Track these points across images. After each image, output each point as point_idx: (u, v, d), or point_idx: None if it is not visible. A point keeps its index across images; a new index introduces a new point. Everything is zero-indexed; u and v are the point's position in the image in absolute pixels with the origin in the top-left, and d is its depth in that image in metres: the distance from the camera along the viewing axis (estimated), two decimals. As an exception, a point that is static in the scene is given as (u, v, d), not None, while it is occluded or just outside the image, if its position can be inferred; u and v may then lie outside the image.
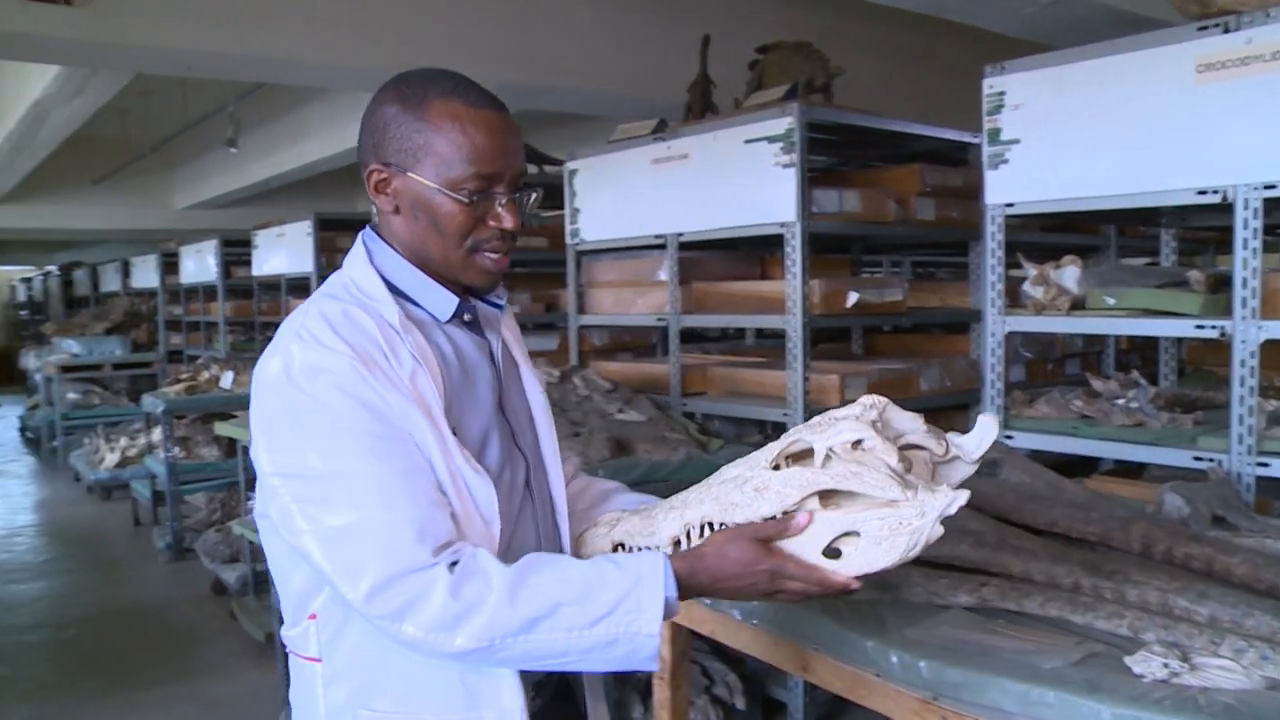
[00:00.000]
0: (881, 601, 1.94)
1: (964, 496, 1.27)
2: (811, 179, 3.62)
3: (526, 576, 1.25)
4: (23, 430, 13.03)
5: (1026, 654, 1.65)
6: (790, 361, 3.63)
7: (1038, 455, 2.86)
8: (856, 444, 1.33)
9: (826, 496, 1.33)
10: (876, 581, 1.56)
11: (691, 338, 5.88)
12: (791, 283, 3.59)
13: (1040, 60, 2.91)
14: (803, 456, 1.38)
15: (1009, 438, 3.05)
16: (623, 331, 5.37)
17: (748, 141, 3.69)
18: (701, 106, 4.47)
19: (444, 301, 1.39)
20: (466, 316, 1.43)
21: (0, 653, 5.12)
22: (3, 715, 4.34)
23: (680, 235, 4.04)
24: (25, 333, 17.91)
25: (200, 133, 9.95)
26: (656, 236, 4.15)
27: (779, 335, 5.51)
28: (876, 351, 4.88)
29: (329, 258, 7.16)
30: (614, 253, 4.58)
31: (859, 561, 1.30)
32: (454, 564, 1.25)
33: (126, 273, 12.56)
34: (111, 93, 6.17)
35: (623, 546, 1.48)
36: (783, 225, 3.58)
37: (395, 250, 1.40)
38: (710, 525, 1.39)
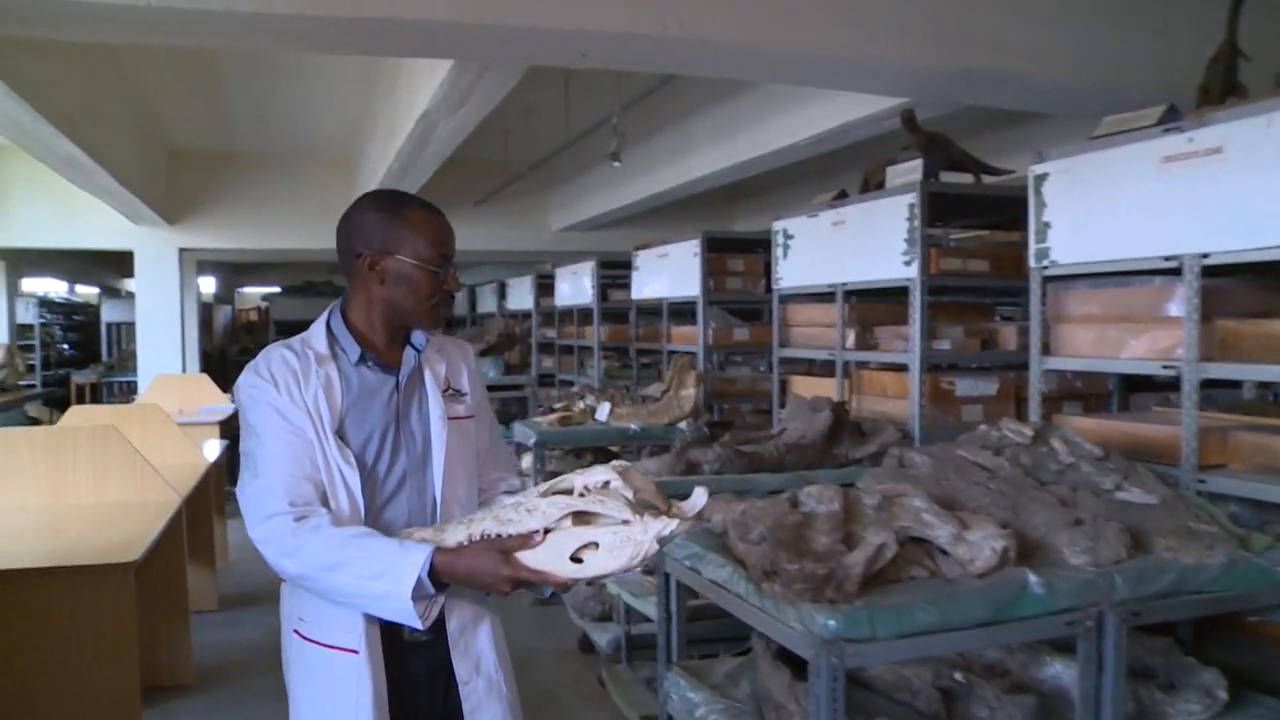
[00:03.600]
0: None
1: (675, 524, 1.80)
2: None
3: (341, 535, 1.92)
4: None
5: None
6: (1387, 434, 2.62)
7: None
8: (605, 484, 1.88)
9: (579, 519, 1.86)
10: None
11: (1160, 387, 4.85)
12: (1394, 324, 2.59)
13: None
14: (564, 493, 1.91)
15: None
16: (1072, 376, 4.46)
17: (1324, 127, 2.73)
18: (1224, 87, 3.51)
19: (352, 351, 2.11)
20: (369, 362, 2.12)
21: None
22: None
23: (1204, 257, 3.12)
24: (406, 350, 18.78)
25: (578, 152, 9.87)
26: (1166, 258, 3.24)
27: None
28: None
29: (717, 281, 6.68)
30: (1094, 279, 3.69)
31: (595, 566, 1.83)
32: (302, 518, 1.93)
33: (503, 294, 12.85)
34: (495, 99, 5.95)
35: None
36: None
37: (339, 315, 2.15)
38: (487, 536, 1.90)
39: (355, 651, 2.01)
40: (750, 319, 7.21)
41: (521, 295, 11.95)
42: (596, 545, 1.81)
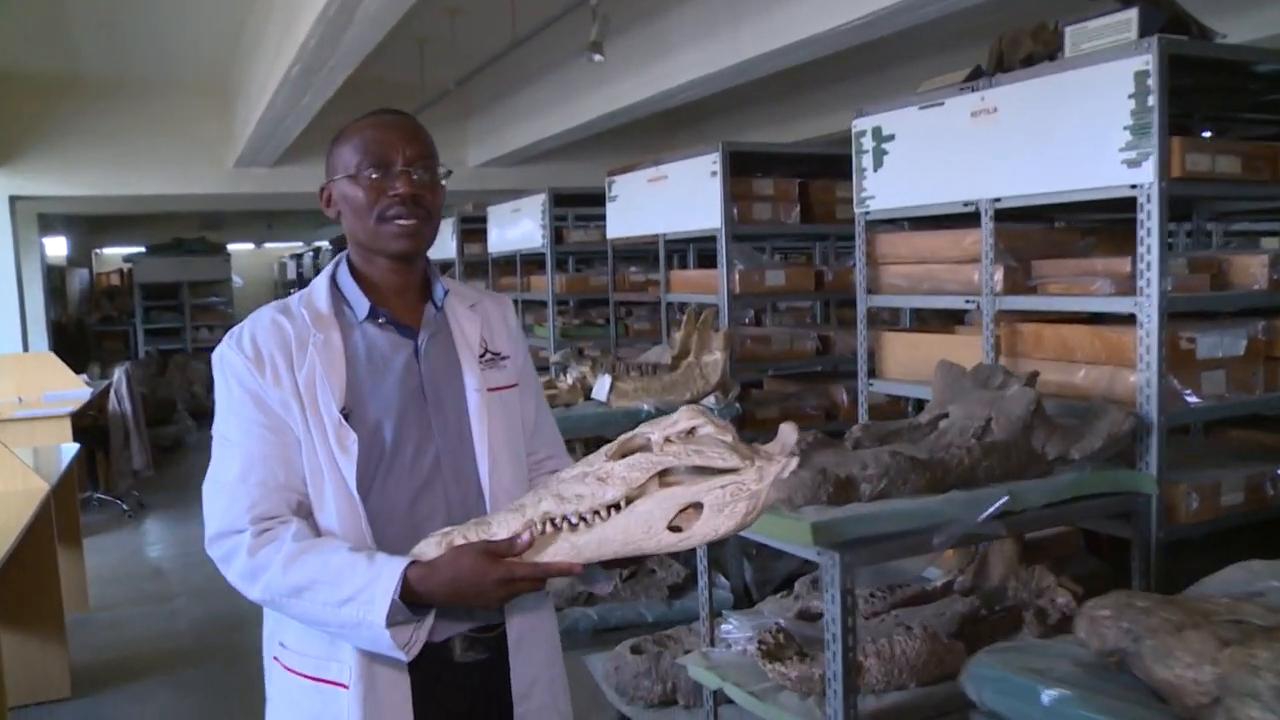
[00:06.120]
0: None
1: (794, 462, 1.50)
2: None
3: (303, 552, 1.58)
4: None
5: None
6: None
7: None
8: (690, 432, 1.54)
9: (665, 478, 1.52)
10: None
11: None
12: None
13: None
14: (640, 450, 1.54)
15: None
16: None
17: None
18: None
19: (360, 305, 1.75)
20: (381, 320, 1.75)
21: None
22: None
23: None
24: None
25: (505, 70, 8.09)
26: None
27: None
28: None
29: (742, 209, 5.02)
30: None
31: (702, 532, 1.49)
32: (265, 532, 1.61)
33: (413, 243, 10.96)
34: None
35: None
36: None
37: (346, 265, 1.81)
38: (553, 521, 1.53)
39: (344, 686, 1.65)
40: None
41: (439, 242, 10.07)
42: (698, 507, 1.48)
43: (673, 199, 5.39)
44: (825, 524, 2.48)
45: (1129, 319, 3.16)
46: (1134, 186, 2.98)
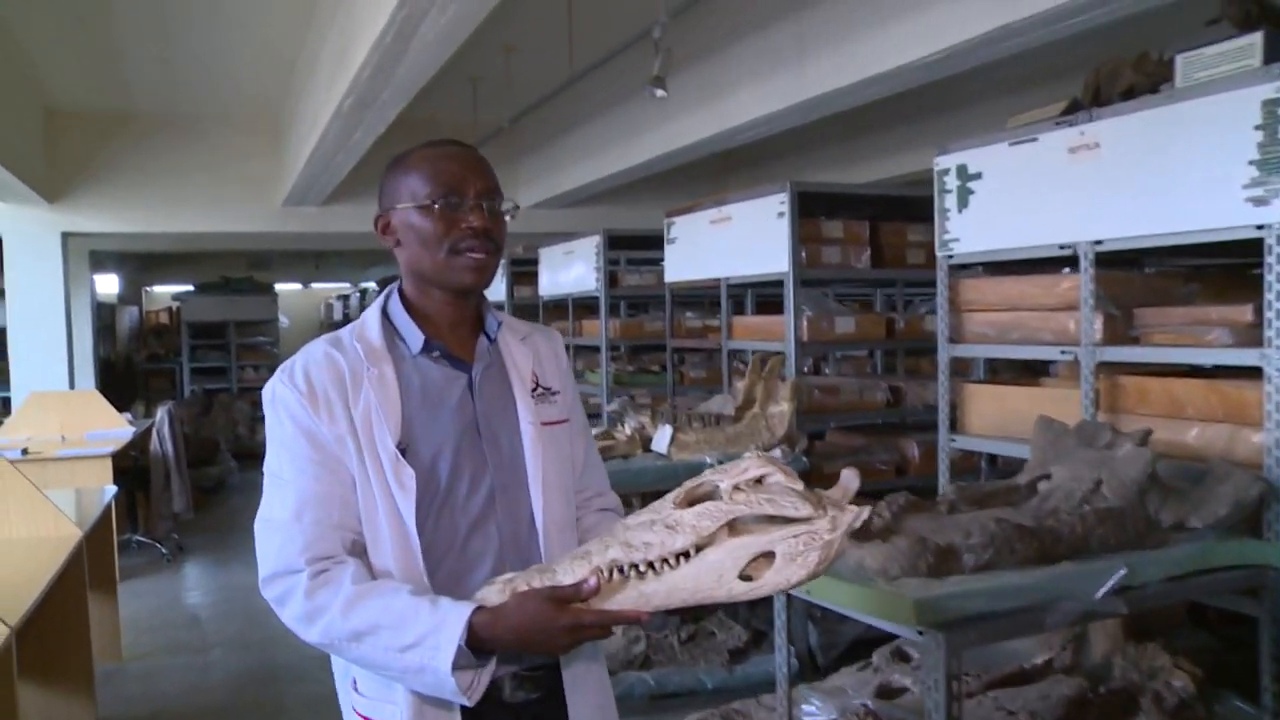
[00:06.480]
0: None
1: (866, 511, 1.47)
2: None
3: (363, 596, 1.55)
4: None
5: None
6: None
7: None
8: (759, 480, 1.50)
9: (734, 528, 1.48)
10: None
11: None
12: None
13: None
14: (707, 497, 1.52)
15: None
16: None
17: None
18: None
19: (415, 339, 1.72)
20: (435, 354, 1.73)
21: None
22: None
23: None
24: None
25: (559, 106, 7.94)
26: None
27: None
28: None
29: (810, 252, 4.79)
30: None
31: (774, 580, 1.46)
32: (321, 573, 1.58)
33: (461, 285, 10.82)
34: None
35: None
36: None
37: (398, 296, 1.77)
38: (620, 569, 1.50)
39: None
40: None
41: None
42: (769, 556, 1.45)
43: (736, 241, 5.17)
44: (930, 601, 2.22)
45: (1246, 372, 2.91)
46: (1260, 227, 2.73)
